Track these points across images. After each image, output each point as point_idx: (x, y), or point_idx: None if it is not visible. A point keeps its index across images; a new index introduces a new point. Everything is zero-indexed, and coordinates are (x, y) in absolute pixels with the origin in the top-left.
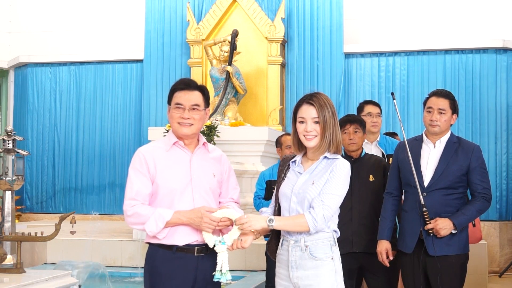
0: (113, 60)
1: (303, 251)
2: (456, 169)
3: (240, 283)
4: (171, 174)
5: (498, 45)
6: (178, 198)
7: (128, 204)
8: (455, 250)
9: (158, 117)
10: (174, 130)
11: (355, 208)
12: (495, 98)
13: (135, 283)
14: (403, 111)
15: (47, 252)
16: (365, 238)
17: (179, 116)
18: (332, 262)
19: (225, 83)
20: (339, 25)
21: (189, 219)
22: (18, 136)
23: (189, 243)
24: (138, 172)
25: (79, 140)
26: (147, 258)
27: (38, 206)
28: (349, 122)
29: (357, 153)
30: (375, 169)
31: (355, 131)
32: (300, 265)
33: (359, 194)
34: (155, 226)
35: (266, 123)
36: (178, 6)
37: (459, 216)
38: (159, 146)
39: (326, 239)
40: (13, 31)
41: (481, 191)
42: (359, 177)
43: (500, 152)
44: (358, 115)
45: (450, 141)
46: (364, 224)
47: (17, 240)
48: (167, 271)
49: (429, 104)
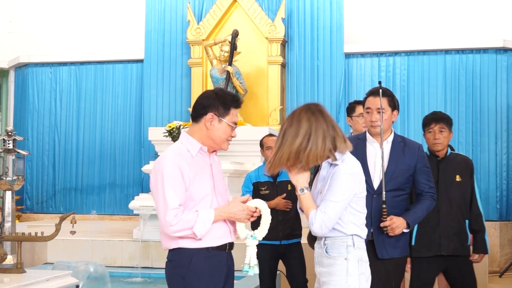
0: (113, 60)
1: (322, 248)
2: (405, 169)
3: (240, 283)
4: (200, 180)
5: (498, 45)
6: (206, 203)
7: (171, 214)
8: (400, 253)
9: (159, 117)
10: (214, 141)
11: (443, 210)
12: (495, 98)
13: (135, 283)
14: (403, 111)
15: (47, 252)
16: (453, 241)
17: (230, 134)
18: (345, 262)
19: (226, 83)
20: (339, 25)
21: (229, 214)
22: (19, 136)
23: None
24: (174, 181)
25: (79, 140)
26: (177, 261)
27: (38, 206)
28: (434, 120)
29: (443, 153)
30: (462, 168)
31: (441, 130)
32: (319, 261)
33: (446, 195)
34: (204, 227)
35: (266, 123)
36: (179, 6)
37: (412, 215)
38: (185, 153)
39: (343, 239)
40: (13, 31)
41: (429, 190)
42: (445, 177)
43: (500, 152)
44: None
45: (395, 140)
46: (452, 226)
47: (17, 240)
48: (206, 269)
49: (367, 104)
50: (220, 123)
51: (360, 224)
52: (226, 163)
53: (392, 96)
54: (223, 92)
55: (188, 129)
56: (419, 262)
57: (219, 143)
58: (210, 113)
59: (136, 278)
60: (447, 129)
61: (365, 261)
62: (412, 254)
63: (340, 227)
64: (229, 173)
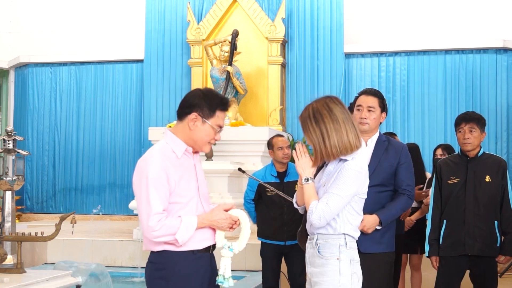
0: (113, 60)
1: (314, 248)
2: (387, 166)
3: (240, 283)
4: (186, 182)
5: (498, 45)
6: (192, 206)
7: (154, 219)
8: (384, 248)
9: (159, 117)
10: (195, 142)
11: (469, 210)
12: (495, 98)
13: (135, 283)
14: (403, 111)
15: (47, 252)
16: (479, 241)
17: (212, 137)
18: (337, 262)
19: (226, 83)
20: (339, 25)
21: (212, 221)
22: (19, 136)
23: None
24: (159, 185)
25: (79, 140)
26: (161, 264)
27: (38, 206)
28: (464, 120)
29: (473, 153)
30: (493, 169)
31: (471, 130)
32: (311, 261)
33: (473, 195)
34: (187, 234)
35: (267, 123)
36: (179, 6)
37: (385, 212)
38: (169, 155)
39: (335, 239)
40: (13, 31)
41: (405, 188)
42: (474, 177)
43: (500, 152)
44: None
45: (380, 139)
46: (478, 227)
47: (17, 240)
48: (191, 272)
49: (359, 102)
50: (203, 124)
51: (355, 225)
52: (226, 163)
53: (383, 98)
54: (211, 93)
55: (173, 127)
56: (445, 261)
57: (200, 145)
58: (194, 113)
59: (136, 278)
60: (478, 129)
61: (356, 261)
62: (439, 253)
63: (335, 223)
64: (229, 173)
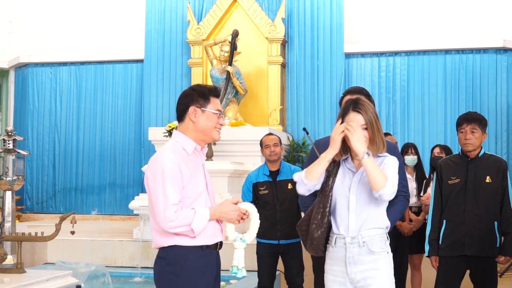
0: (113, 60)
1: (361, 247)
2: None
3: (240, 283)
4: (195, 178)
5: (498, 45)
6: (201, 201)
7: (171, 210)
8: None
9: (159, 117)
10: (203, 132)
11: (468, 210)
12: (495, 98)
13: (135, 283)
14: (403, 111)
15: (47, 252)
16: (478, 242)
17: (217, 121)
18: (388, 256)
19: (226, 83)
20: (339, 25)
21: (222, 213)
22: (19, 136)
23: (215, 242)
24: (174, 178)
25: (79, 140)
26: (172, 259)
27: (38, 206)
28: (466, 121)
29: (474, 153)
30: (493, 170)
31: (472, 131)
32: (358, 260)
33: (473, 195)
34: (201, 224)
35: (267, 123)
36: (179, 6)
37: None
38: (181, 152)
39: (381, 235)
40: (13, 31)
41: (400, 189)
42: (474, 177)
43: (500, 152)
44: None
45: None
46: (477, 228)
47: (17, 240)
48: (200, 267)
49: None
50: (203, 113)
51: None
52: (226, 163)
53: (369, 95)
54: (199, 86)
55: (179, 128)
56: (445, 261)
57: (208, 133)
58: (192, 106)
59: (136, 278)
60: (480, 130)
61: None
62: (439, 253)
63: (381, 218)
64: (229, 173)
